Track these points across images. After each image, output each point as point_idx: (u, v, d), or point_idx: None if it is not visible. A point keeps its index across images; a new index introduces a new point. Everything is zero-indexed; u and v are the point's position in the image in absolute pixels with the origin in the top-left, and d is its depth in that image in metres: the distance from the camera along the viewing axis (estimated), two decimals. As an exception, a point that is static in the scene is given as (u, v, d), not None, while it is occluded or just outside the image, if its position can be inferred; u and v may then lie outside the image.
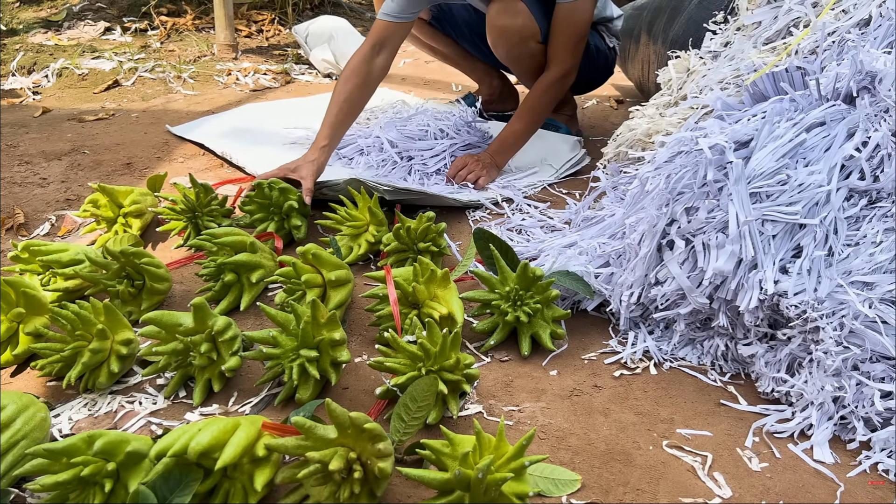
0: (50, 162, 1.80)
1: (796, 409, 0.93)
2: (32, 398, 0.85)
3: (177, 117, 2.22)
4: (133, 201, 1.37)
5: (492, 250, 1.11)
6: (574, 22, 1.65)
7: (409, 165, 1.72)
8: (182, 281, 1.27)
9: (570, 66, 1.69)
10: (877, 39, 1.07)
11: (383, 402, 0.94)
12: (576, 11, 1.64)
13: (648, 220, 1.04)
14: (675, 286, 1.01)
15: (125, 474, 0.73)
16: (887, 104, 0.98)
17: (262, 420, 0.77)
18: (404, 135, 1.79)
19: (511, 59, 1.80)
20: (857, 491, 0.82)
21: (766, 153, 0.98)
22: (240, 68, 2.89)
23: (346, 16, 3.79)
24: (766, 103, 1.09)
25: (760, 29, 1.32)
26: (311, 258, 1.08)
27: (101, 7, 3.40)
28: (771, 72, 1.11)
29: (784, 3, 1.29)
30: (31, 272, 1.14)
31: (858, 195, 0.98)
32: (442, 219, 1.48)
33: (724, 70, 1.27)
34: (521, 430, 0.91)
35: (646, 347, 1.07)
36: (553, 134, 1.96)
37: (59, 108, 2.32)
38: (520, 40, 1.72)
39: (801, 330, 0.91)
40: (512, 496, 0.73)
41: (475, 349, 1.09)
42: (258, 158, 1.74)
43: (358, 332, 1.13)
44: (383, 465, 0.72)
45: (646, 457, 0.86)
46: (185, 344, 0.93)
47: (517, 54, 1.76)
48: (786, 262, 0.94)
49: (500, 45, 1.76)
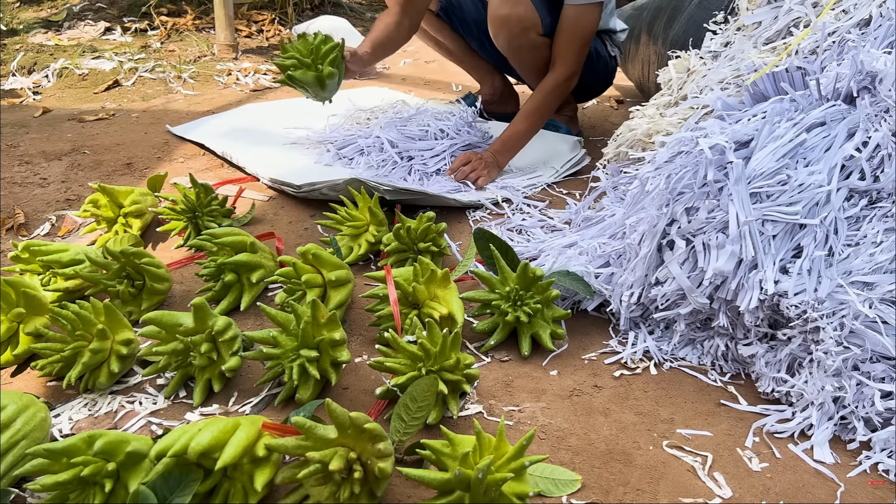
0: (50, 162, 1.80)
1: (796, 410, 0.93)
2: (33, 398, 0.85)
3: (177, 117, 2.22)
4: (133, 201, 1.37)
5: (492, 250, 1.11)
6: (580, 24, 1.66)
7: (409, 165, 1.72)
8: (182, 281, 1.27)
9: (575, 68, 1.70)
10: (877, 39, 1.07)
11: (383, 402, 0.94)
12: (583, 15, 1.65)
13: (649, 220, 1.04)
14: (676, 286, 1.01)
15: (125, 474, 0.73)
16: (887, 104, 0.98)
17: (262, 420, 0.77)
18: (404, 135, 1.79)
19: (512, 50, 1.80)
20: (857, 491, 0.82)
21: (766, 153, 0.98)
22: (240, 68, 2.89)
23: (347, 16, 3.79)
24: (766, 103, 1.09)
25: (761, 29, 1.32)
26: (312, 258, 1.08)
27: (102, 7, 3.40)
28: (771, 72, 1.11)
29: (784, 3, 1.29)
30: (31, 272, 1.14)
31: (859, 195, 0.98)
32: (442, 219, 1.48)
33: (724, 70, 1.27)
34: (522, 430, 0.91)
35: (646, 347, 1.07)
36: (553, 134, 1.96)
37: (60, 108, 2.32)
38: (521, 30, 1.72)
39: (801, 330, 0.91)
40: (512, 496, 0.73)
41: (475, 349, 1.09)
42: (258, 158, 1.74)
43: (358, 332, 1.13)
44: (383, 465, 0.72)
45: (646, 457, 0.86)
46: (185, 344, 0.93)
47: (518, 45, 1.76)
48: (786, 262, 0.94)
49: (500, 35, 1.76)
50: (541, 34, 1.73)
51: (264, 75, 2.83)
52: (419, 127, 1.82)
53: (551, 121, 2.03)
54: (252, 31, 3.47)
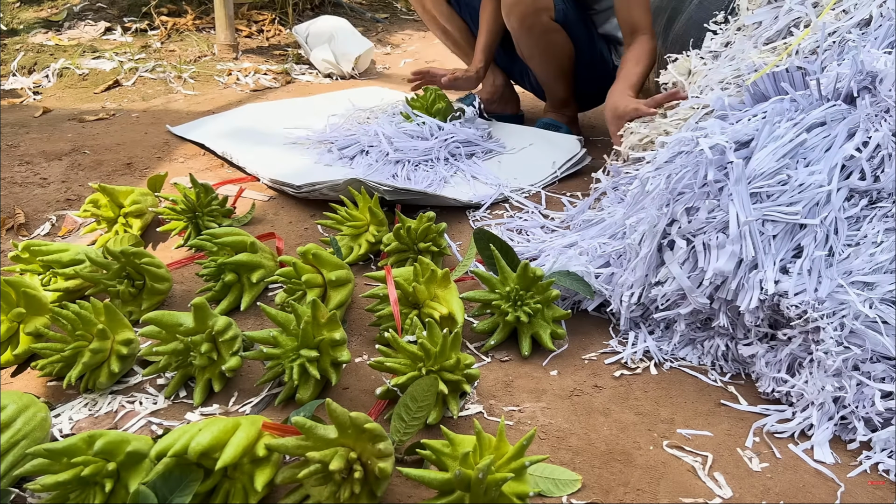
0: (50, 162, 1.80)
1: (797, 410, 0.93)
2: (33, 398, 0.85)
3: (177, 117, 2.22)
4: (133, 201, 1.37)
5: (492, 250, 1.11)
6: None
7: (406, 159, 1.72)
8: (182, 281, 1.27)
9: (653, 29, 1.66)
10: (877, 39, 1.07)
11: (383, 402, 0.94)
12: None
13: (649, 221, 1.04)
14: (676, 286, 1.01)
15: (125, 474, 0.73)
16: (888, 104, 0.98)
17: (262, 420, 0.77)
18: (403, 132, 1.79)
19: (523, 30, 1.80)
20: (857, 491, 0.82)
21: (766, 153, 0.98)
22: (240, 68, 2.89)
23: (347, 16, 3.79)
24: (766, 103, 1.09)
25: (761, 29, 1.32)
26: (312, 258, 1.08)
27: (102, 7, 3.40)
28: (771, 72, 1.11)
29: (785, 3, 1.28)
30: (31, 272, 1.14)
31: (859, 195, 0.98)
32: (442, 219, 1.48)
33: (724, 70, 1.27)
34: (522, 430, 0.91)
35: (646, 347, 1.07)
36: (553, 134, 1.96)
37: (60, 109, 2.32)
38: (533, 11, 1.73)
39: (801, 330, 0.91)
40: (512, 496, 0.73)
41: (475, 349, 1.09)
42: (258, 158, 1.74)
43: (358, 332, 1.13)
44: (384, 465, 0.72)
45: (646, 457, 0.86)
46: (185, 344, 0.93)
47: (530, 24, 1.77)
48: (786, 262, 0.94)
49: (512, 15, 1.77)
50: (553, 19, 1.74)
51: (264, 75, 2.83)
52: (417, 124, 1.83)
53: (552, 121, 2.03)
54: (252, 31, 3.47)
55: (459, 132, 1.81)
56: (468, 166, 1.74)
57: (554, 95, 2.04)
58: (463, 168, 1.73)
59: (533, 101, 2.58)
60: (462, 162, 1.76)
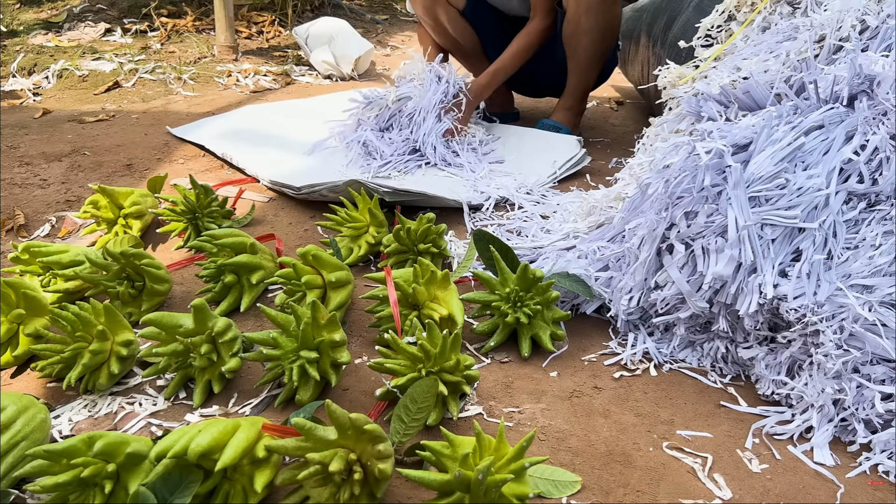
0: (50, 163, 1.80)
1: (796, 411, 0.93)
2: (32, 399, 0.85)
3: (177, 119, 2.22)
4: (133, 202, 1.37)
5: (492, 251, 1.11)
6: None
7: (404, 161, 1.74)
8: (182, 282, 1.27)
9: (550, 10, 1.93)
10: (875, 43, 1.08)
11: (383, 403, 0.94)
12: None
13: (648, 225, 1.04)
14: (675, 290, 1.01)
15: (125, 475, 0.73)
16: (886, 107, 0.98)
17: (262, 421, 0.77)
18: (390, 115, 1.86)
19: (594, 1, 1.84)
20: (857, 492, 0.82)
21: (764, 157, 0.98)
22: (240, 70, 2.89)
23: (347, 17, 3.80)
24: (763, 111, 1.09)
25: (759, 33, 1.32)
26: (312, 259, 1.08)
27: (102, 8, 3.41)
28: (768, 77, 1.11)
29: (784, 8, 1.29)
30: (31, 273, 1.14)
31: (857, 198, 0.98)
32: (442, 220, 1.48)
33: (721, 74, 1.27)
34: (522, 431, 0.91)
35: (646, 349, 1.07)
36: (553, 134, 1.97)
37: (60, 110, 2.32)
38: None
39: (801, 333, 0.91)
40: (512, 497, 0.74)
41: (475, 350, 1.09)
42: (258, 160, 1.74)
43: (358, 333, 1.13)
44: (383, 466, 0.72)
45: (646, 458, 0.86)
46: (185, 345, 0.93)
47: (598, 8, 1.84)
48: (785, 265, 0.94)
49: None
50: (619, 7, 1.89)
51: (264, 77, 2.84)
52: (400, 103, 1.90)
53: (552, 122, 2.03)
54: (252, 32, 3.48)
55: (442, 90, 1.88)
56: (469, 167, 1.75)
57: (579, 86, 2.02)
58: (463, 168, 1.74)
59: (534, 101, 2.59)
60: (462, 162, 1.77)
